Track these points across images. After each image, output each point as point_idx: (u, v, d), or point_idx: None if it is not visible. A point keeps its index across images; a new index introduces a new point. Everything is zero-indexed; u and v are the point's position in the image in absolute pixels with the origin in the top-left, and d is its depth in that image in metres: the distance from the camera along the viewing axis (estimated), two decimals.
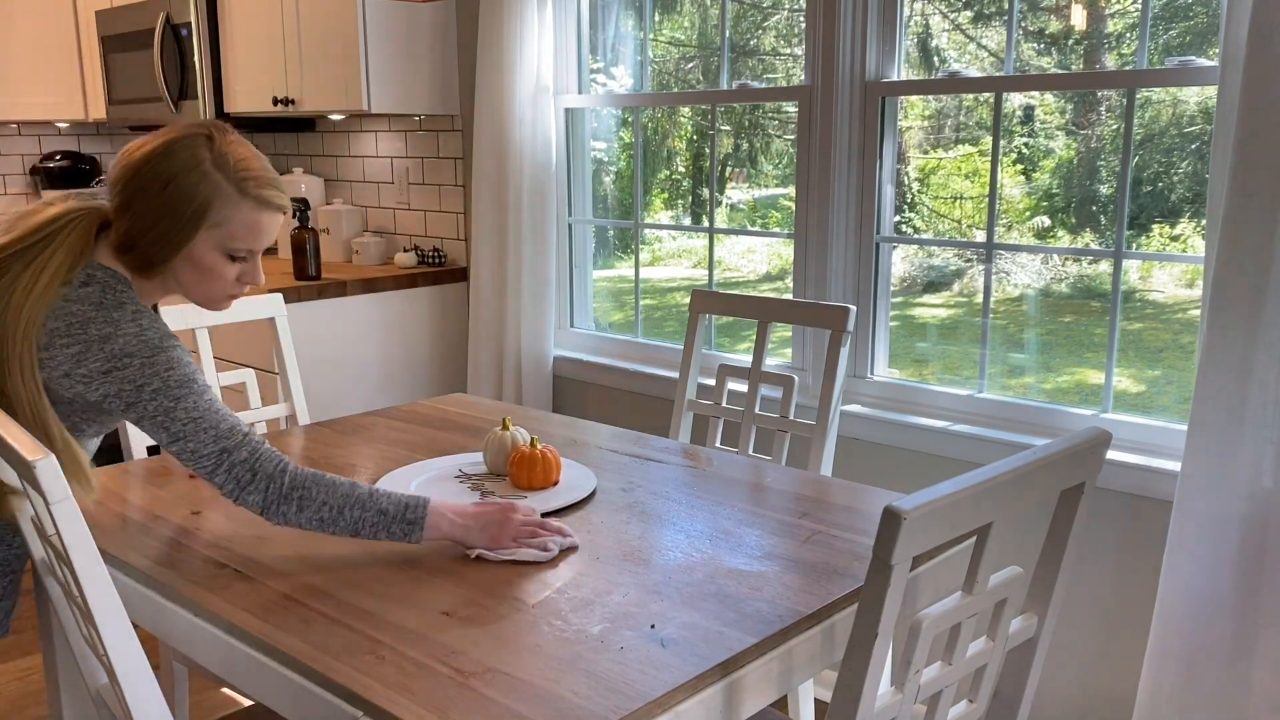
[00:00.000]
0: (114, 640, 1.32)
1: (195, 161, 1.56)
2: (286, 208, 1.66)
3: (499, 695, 1.19)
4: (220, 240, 1.59)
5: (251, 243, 1.62)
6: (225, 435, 1.55)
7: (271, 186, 1.62)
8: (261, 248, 1.65)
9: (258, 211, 1.60)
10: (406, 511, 1.54)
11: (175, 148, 1.57)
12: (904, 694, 1.19)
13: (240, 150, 1.60)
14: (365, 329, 3.50)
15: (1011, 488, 1.19)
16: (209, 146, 1.58)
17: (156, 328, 1.59)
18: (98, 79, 4.52)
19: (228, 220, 1.58)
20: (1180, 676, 2.09)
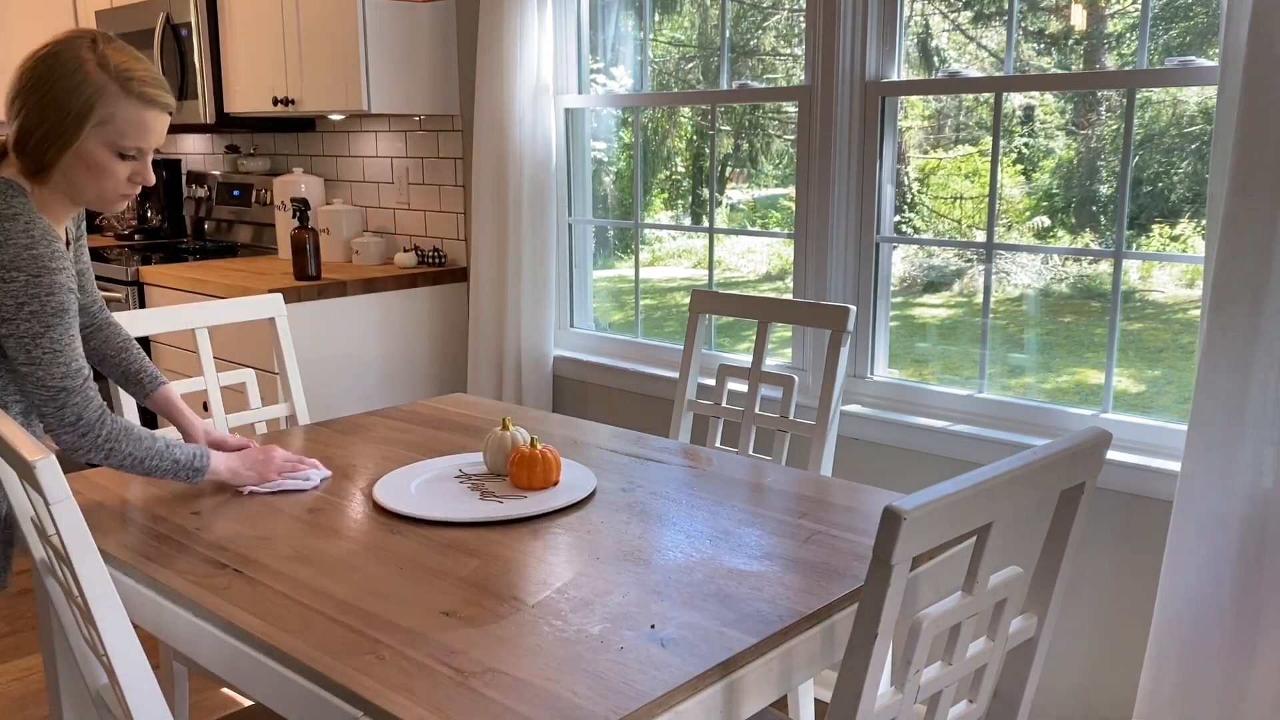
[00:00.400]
0: (114, 640, 1.32)
1: (79, 62, 1.63)
2: (172, 107, 1.71)
3: (499, 695, 1.19)
4: (108, 138, 1.65)
5: (139, 140, 1.68)
6: (73, 375, 1.65)
7: (156, 86, 1.68)
8: (150, 147, 1.70)
9: (143, 110, 1.66)
10: (194, 460, 1.78)
11: (58, 49, 1.64)
12: (904, 694, 1.19)
13: (122, 54, 1.66)
14: (365, 329, 3.50)
15: (1011, 488, 1.19)
16: (92, 49, 1.64)
17: (48, 244, 1.63)
18: None
19: (113, 117, 1.64)
20: (1180, 676, 2.09)
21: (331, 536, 1.67)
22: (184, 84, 3.95)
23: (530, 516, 1.75)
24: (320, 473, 1.93)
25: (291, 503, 1.83)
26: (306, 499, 1.84)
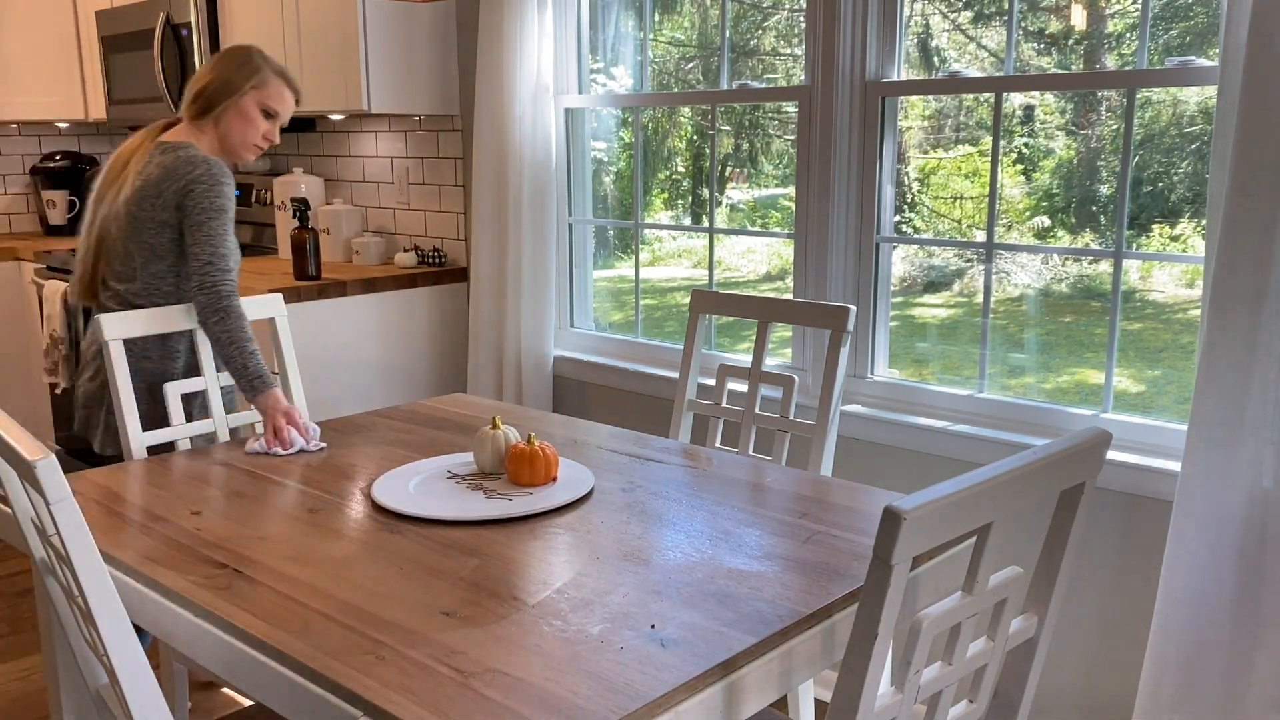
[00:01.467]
0: (114, 640, 1.32)
1: (243, 53, 2.44)
2: (297, 91, 2.51)
3: (499, 695, 1.19)
4: (261, 98, 2.42)
5: (280, 105, 2.45)
6: (220, 256, 2.30)
7: (285, 75, 2.47)
8: (284, 114, 2.47)
9: (284, 87, 2.46)
10: (258, 381, 2.24)
11: (236, 46, 2.47)
12: (904, 694, 1.19)
13: (265, 57, 2.45)
14: (365, 329, 3.50)
15: (1011, 488, 1.19)
16: (251, 49, 2.45)
17: (220, 167, 2.34)
18: (98, 79, 4.52)
19: (266, 83, 2.42)
20: (1180, 676, 2.09)
21: (331, 536, 1.67)
22: (184, 84, 3.94)
23: (530, 516, 1.75)
24: (303, 442, 2.16)
25: (291, 503, 1.83)
26: (306, 499, 1.84)
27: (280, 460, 2.08)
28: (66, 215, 4.98)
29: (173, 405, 2.35)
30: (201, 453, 2.14)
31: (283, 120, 2.46)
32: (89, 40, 4.52)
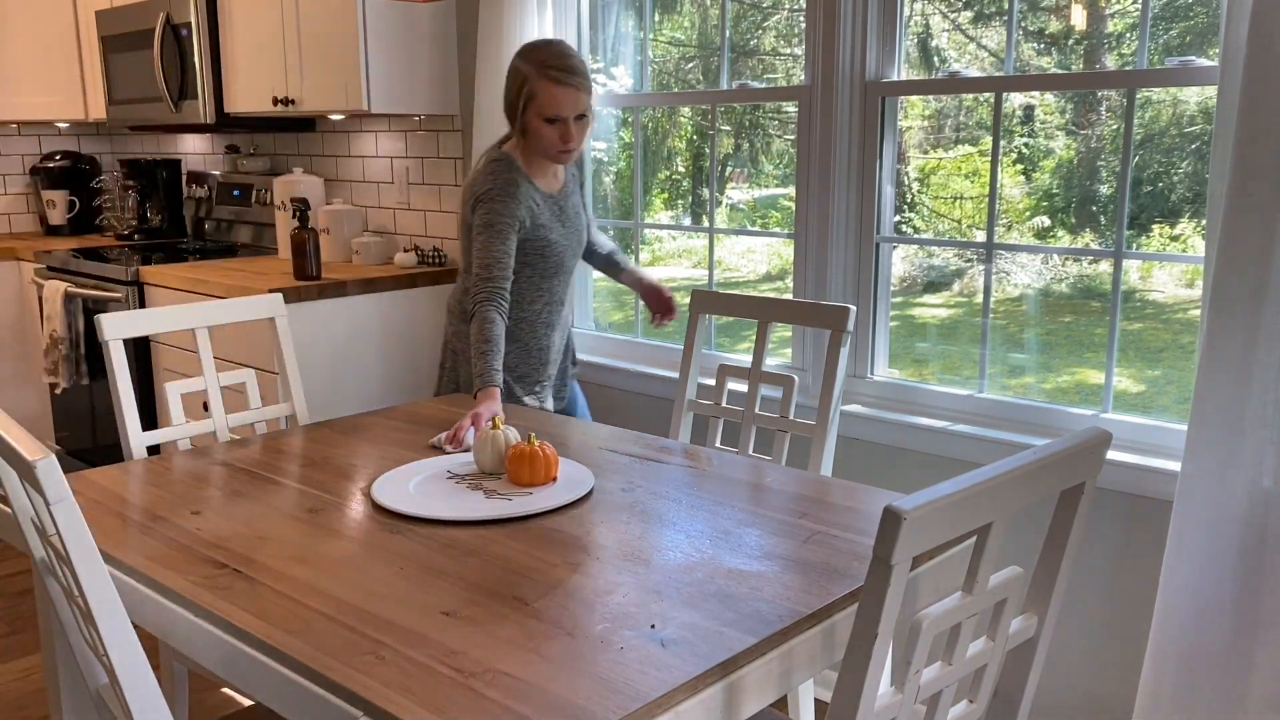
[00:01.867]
0: (114, 640, 1.32)
1: (515, 63, 2.46)
2: (576, 85, 2.41)
3: (499, 695, 1.19)
4: (536, 109, 2.42)
5: (554, 110, 2.40)
6: (486, 266, 2.41)
7: (559, 69, 2.40)
8: (565, 114, 2.42)
9: (551, 86, 2.39)
10: (477, 380, 2.30)
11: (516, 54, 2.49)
12: (904, 694, 1.19)
13: (538, 50, 2.44)
14: (365, 329, 3.50)
15: (1011, 488, 1.19)
16: (522, 53, 2.45)
17: (501, 185, 2.46)
18: (98, 79, 4.52)
19: (535, 94, 2.41)
20: (1180, 676, 2.09)
21: (331, 536, 1.67)
22: (184, 84, 3.95)
23: (530, 516, 1.75)
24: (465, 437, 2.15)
25: (291, 503, 1.83)
26: (306, 499, 1.84)
27: (280, 460, 2.08)
28: (66, 215, 4.98)
29: (173, 405, 2.35)
30: (201, 453, 2.14)
31: (568, 115, 2.42)
32: (89, 40, 4.52)
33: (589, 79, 2.44)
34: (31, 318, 4.44)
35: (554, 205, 2.57)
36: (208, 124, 3.96)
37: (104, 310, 3.49)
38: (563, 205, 2.60)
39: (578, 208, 2.67)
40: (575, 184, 2.69)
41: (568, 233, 2.60)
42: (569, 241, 2.61)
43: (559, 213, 2.57)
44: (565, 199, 2.61)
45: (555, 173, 2.59)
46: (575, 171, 2.69)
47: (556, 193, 2.58)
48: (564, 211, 2.60)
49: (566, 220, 2.60)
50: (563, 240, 2.58)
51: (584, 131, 2.47)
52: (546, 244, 2.55)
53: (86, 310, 3.97)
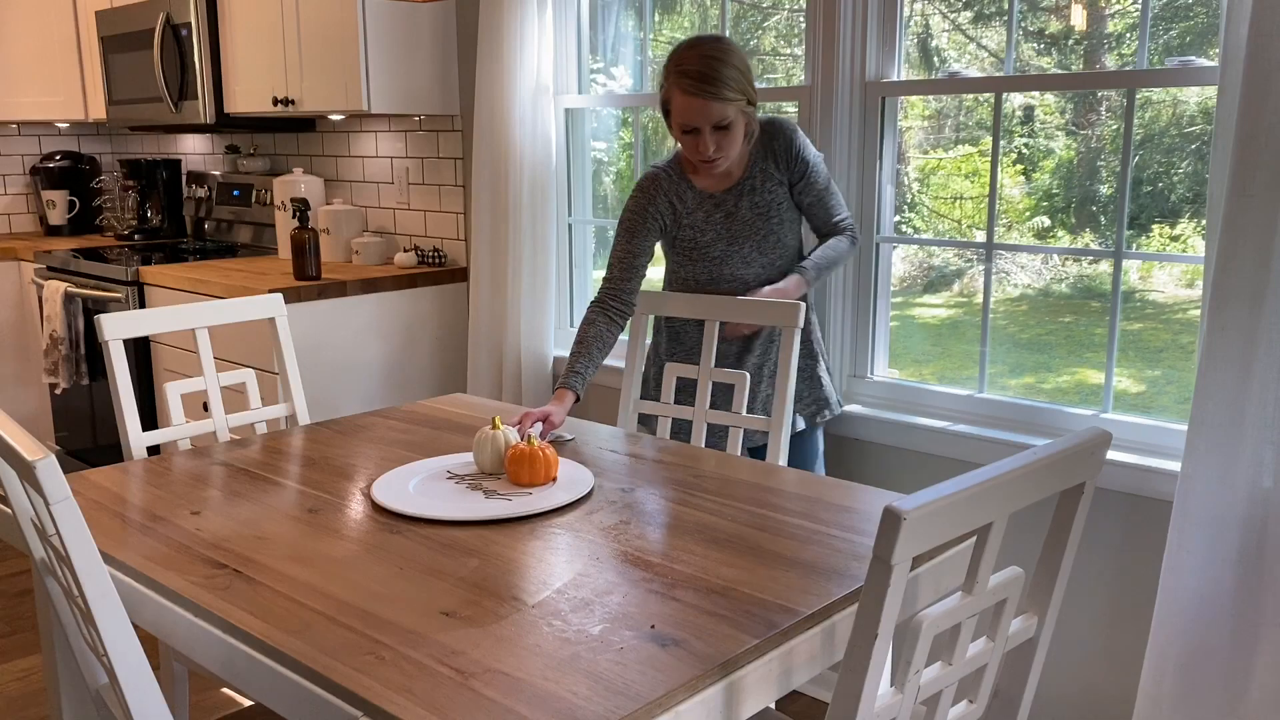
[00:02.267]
0: (114, 640, 1.32)
1: (664, 68, 2.29)
2: (707, 95, 2.20)
3: (499, 695, 1.19)
4: (674, 115, 2.27)
5: (684, 119, 2.25)
6: (608, 265, 2.41)
7: (690, 77, 2.21)
8: (697, 123, 2.24)
9: (680, 94, 2.23)
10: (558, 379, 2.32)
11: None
12: (904, 694, 1.19)
13: (681, 52, 2.25)
14: (365, 329, 3.50)
15: (1011, 488, 1.19)
16: (672, 51, 2.28)
17: (640, 183, 2.43)
18: (98, 79, 4.52)
19: (669, 102, 2.27)
20: (1180, 676, 2.09)
21: (331, 536, 1.67)
22: (184, 84, 3.95)
23: (530, 516, 1.75)
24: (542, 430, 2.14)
25: (291, 503, 1.83)
26: (306, 499, 1.84)
27: (280, 460, 2.08)
28: (66, 215, 4.98)
29: (173, 405, 2.35)
30: (201, 453, 2.14)
31: (699, 125, 2.23)
32: (89, 40, 4.52)
33: (728, 85, 2.20)
34: (31, 318, 4.44)
35: (713, 205, 2.41)
36: (208, 124, 3.96)
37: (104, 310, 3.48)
38: (731, 205, 2.41)
39: (764, 206, 2.41)
40: (768, 180, 2.41)
41: (732, 234, 2.42)
42: (732, 244, 2.43)
43: (721, 213, 2.41)
44: (739, 198, 2.41)
45: (725, 170, 2.38)
46: (774, 166, 2.41)
47: (722, 191, 2.41)
48: (730, 212, 2.41)
49: (735, 220, 2.41)
50: (719, 242, 2.42)
51: (729, 141, 2.27)
52: (694, 245, 2.43)
53: (86, 310, 3.97)
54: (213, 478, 1.97)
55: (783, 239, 2.43)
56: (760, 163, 2.40)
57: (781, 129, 2.38)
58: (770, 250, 2.43)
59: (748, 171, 2.40)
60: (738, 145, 2.29)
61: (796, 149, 2.38)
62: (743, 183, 2.40)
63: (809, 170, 2.40)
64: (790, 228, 2.44)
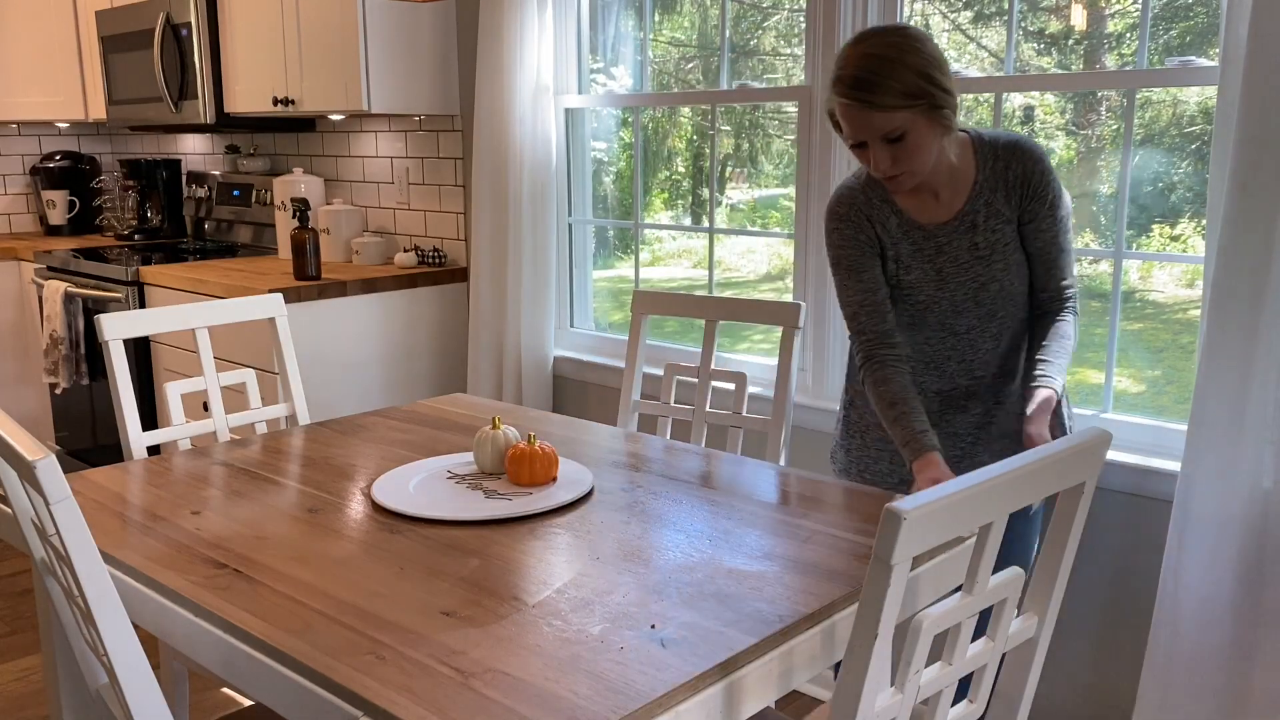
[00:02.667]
0: (114, 640, 1.32)
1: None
2: (859, 100, 1.79)
3: (499, 695, 1.19)
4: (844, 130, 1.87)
5: (851, 132, 1.84)
6: (850, 317, 2.00)
7: (843, 82, 1.81)
8: (860, 136, 1.83)
9: (840, 102, 1.82)
10: (904, 449, 1.86)
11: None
12: (904, 694, 1.19)
13: (845, 49, 1.84)
14: (365, 329, 3.50)
15: (1011, 488, 1.19)
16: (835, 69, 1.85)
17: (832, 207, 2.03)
18: (98, 79, 4.52)
19: (833, 113, 1.87)
20: (1180, 676, 2.09)
21: (331, 536, 1.67)
22: (184, 84, 3.95)
23: (530, 516, 1.75)
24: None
25: (291, 503, 1.83)
26: (306, 499, 1.84)
27: (280, 460, 2.08)
28: (66, 215, 4.98)
29: (173, 405, 2.35)
30: (201, 453, 2.14)
31: (864, 139, 1.83)
32: (89, 40, 4.52)
33: (892, 90, 1.77)
34: (31, 318, 4.44)
35: (923, 236, 1.96)
36: (208, 124, 3.96)
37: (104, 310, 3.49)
38: (944, 240, 1.95)
39: (987, 248, 1.94)
40: (993, 216, 1.93)
41: (943, 275, 1.95)
42: (942, 288, 1.96)
43: (931, 248, 1.95)
44: (956, 235, 1.94)
45: (943, 198, 1.94)
46: (1003, 198, 1.93)
47: (937, 225, 1.95)
48: (942, 248, 1.95)
49: (948, 260, 1.95)
50: (926, 284, 1.96)
51: (910, 153, 1.82)
52: (899, 285, 1.99)
53: (86, 310, 3.97)
54: (213, 478, 1.97)
55: (1006, 286, 1.96)
56: (987, 193, 1.93)
57: (1021, 155, 1.92)
58: (989, 300, 1.96)
59: (970, 202, 1.93)
60: (926, 156, 1.84)
61: (1035, 182, 1.92)
62: (962, 216, 1.93)
63: (1044, 211, 1.92)
64: (1017, 272, 1.96)
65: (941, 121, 1.82)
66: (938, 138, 1.84)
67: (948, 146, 1.89)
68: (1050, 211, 1.93)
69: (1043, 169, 1.92)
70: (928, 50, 1.79)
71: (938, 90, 1.79)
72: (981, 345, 1.99)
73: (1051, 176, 1.93)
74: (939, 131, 1.83)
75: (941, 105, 1.80)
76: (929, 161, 1.85)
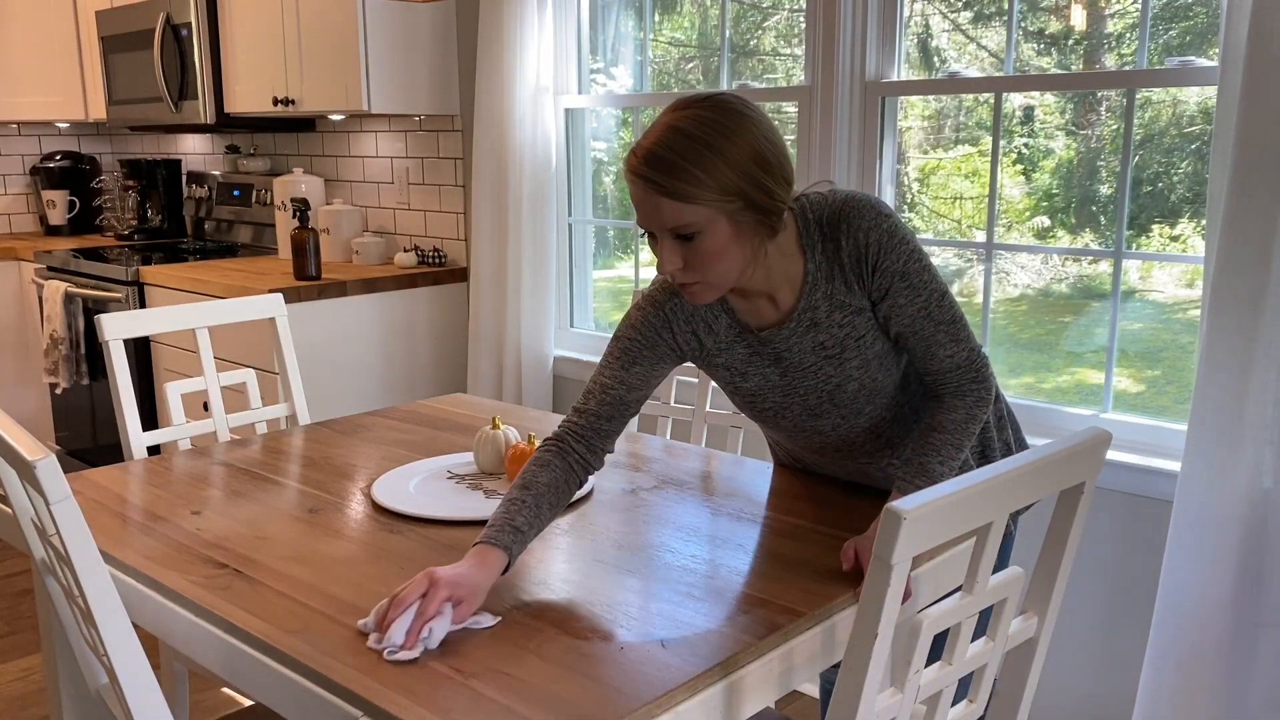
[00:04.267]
0: (114, 640, 1.32)
1: None
2: (650, 180, 1.41)
3: (499, 695, 1.19)
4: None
5: (637, 213, 1.47)
6: (585, 394, 1.66)
7: (634, 155, 1.43)
8: (647, 224, 1.46)
9: (627, 178, 1.46)
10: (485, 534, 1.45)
11: None
12: (904, 694, 1.19)
13: (656, 118, 1.46)
14: (365, 329, 3.50)
15: (1011, 488, 1.19)
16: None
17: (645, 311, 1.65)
18: (98, 79, 4.52)
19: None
20: (1180, 676, 2.09)
21: (331, 536, 1.67)
22: (184, 84, 3.95)
23: None
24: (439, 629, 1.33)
25: (291, 503, 1.83)
26: (306, 499, 1.84)
27: (280, 460, 2.08)
28: (66, 215, 4.98)
29: (173, 405, 2.35)
30: (201, 453, 2.14)
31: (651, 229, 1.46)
32: (89, 40, 4.52)
33: (695, 177, 1.39)
34: (31, 318, 4.44)
35: (758, 343, 1.64)
36: (208, 124, 3.96)
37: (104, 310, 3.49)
38: (782, 347, 1.63)
39: (835, 347, 1.61)
40: (837, 308, 1.59)
41: (790, 385, 1.66)
42: (790, 396, 1.67)
43: (769, 355, 1.64)
44: (791, 337, 1.61)
45: (776, 298, 1.60)
46: (843, 285, 1.58)
47: (770, 328, 1.62)
48: (780, 355, 1.64)
49: (790, 365, 1.64)
50: (770, 393, 1.68)
51: (705, 259, 1.45)
52: (735, 390, 1.71)
53: (86, 310, 3.97)
54: (213, 478, 1.97)
55: (867, 384, 1.64)
56: (824, 284, 1.57)
57: (849, 226, 1.54)
58: (848, 400, 1.66)
59: (804, 298, 1.58)
60: (724, 267, 1.46)
61: (872, 254, 1.54)
62: (798, 316, 1.59)
63: (896, 285, 1.55)
64: (880, 365, 1.63)
65: (756, 228, 1.45)
66: (747, 245, 1.46)
67: (772, 250, 1.52)
68: (903, 282, 1.54)
69: (878, 234, 1.53)
70: (760, 137, 1.42)
71: (758, 192, 1.42)
72: (857, 441, 1.72)
73: (893, 239, 1.53)
74: (750, 238, 1.46)
75: (762, 208, 1.43)
76: (730, 273, 1.47)
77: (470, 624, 1.35)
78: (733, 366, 1.68)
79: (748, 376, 1.68)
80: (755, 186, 1.42)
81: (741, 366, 1.67)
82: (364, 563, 1.56)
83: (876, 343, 1.61)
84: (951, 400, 1.60)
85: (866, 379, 1.63)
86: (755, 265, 1.51)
